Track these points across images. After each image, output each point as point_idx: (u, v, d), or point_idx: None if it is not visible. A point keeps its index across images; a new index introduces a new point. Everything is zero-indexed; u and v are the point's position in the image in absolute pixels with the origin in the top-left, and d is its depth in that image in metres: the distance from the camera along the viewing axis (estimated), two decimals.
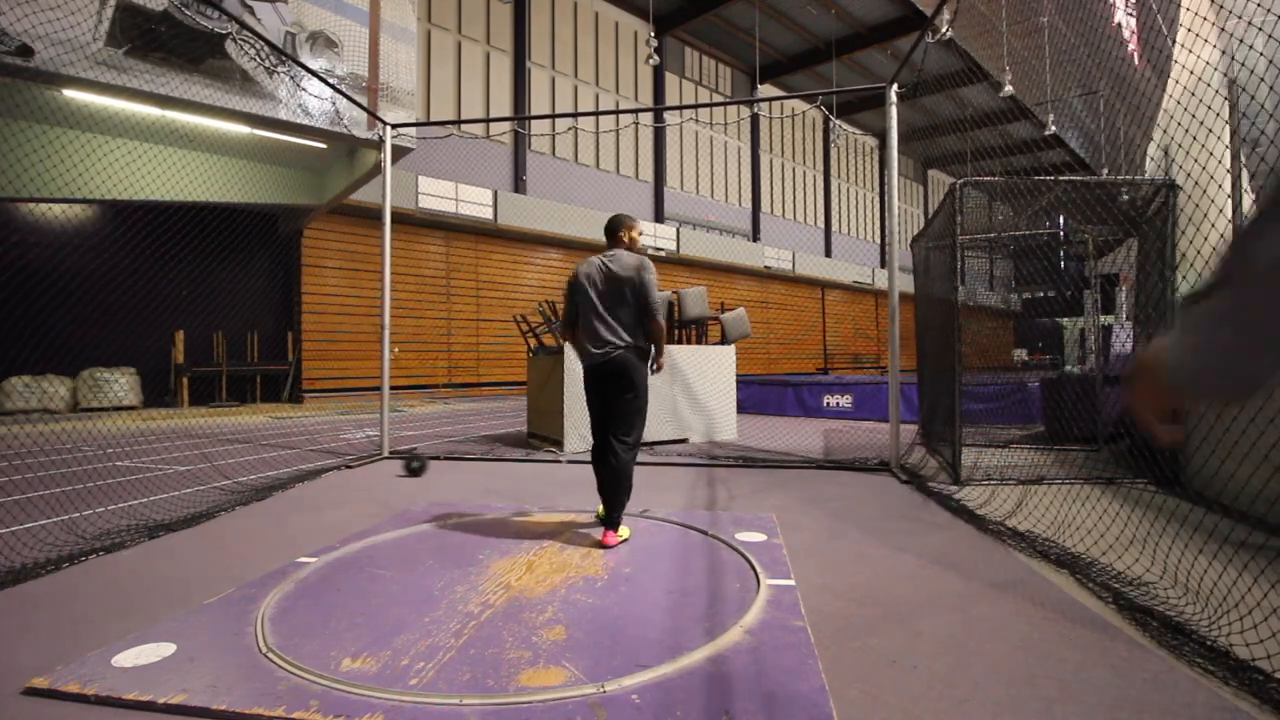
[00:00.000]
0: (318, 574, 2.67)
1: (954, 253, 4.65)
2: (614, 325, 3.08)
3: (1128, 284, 6.68)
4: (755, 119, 23.32)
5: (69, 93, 7.35)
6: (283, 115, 8.42)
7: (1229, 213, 4.18)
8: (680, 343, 7.29)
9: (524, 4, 16.92)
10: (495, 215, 15.11)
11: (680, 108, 20.11)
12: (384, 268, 6.07)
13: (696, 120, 21.03)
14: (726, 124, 22.64)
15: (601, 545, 3.02)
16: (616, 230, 3.27)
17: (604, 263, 3.17)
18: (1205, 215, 4.12)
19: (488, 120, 9.87)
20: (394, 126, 6.26)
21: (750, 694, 1.70)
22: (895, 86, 5.05)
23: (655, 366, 3.20)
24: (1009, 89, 13.09)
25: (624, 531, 3.13)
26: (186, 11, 7.46)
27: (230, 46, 7.85)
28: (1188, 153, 3.59)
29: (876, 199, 30.17)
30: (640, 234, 3.35)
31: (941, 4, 4.43)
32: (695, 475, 4.87)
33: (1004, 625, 2.14)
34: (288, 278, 13.26)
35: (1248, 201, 4.23)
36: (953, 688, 1.75)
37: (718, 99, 21.84)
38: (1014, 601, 2.35)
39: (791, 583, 2.53)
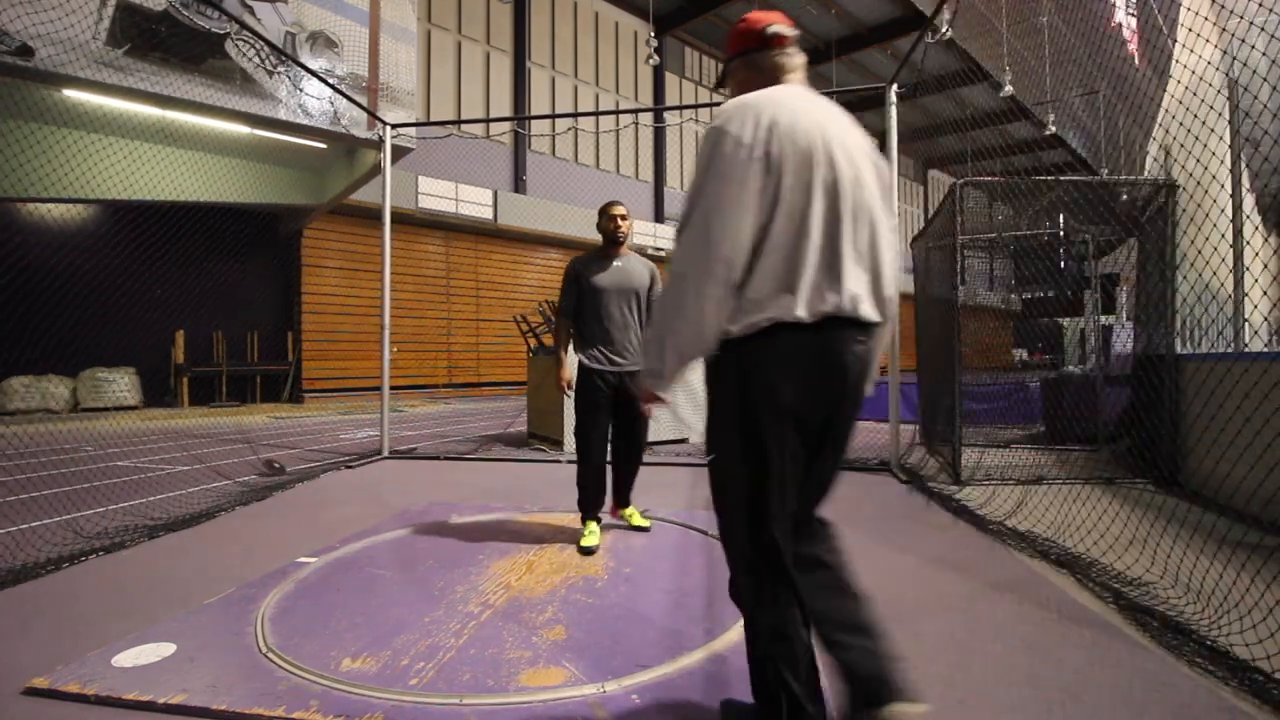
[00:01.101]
0: (318, 574, 2.67)
1: (954, 253, 4.65)
2: None
3: (1128, 284, 6.68)
4: None
5: (69, 93, 7.34)
6: (283, 115, 8.43)
7: (1229, 212, 4.18)
8: None
9: (524, 4, 16.91)
10: (495, 215, 15.11)
11: (680, 108, 20.07)
12: (384, 268, 6.07)
13: (696, 120, 20.99)
14: None
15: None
16: None
17: None
18: (1206, 215, 4.12)
19: (488, 120, 9.87)
20: (394, 126, 6.26)
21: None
22: (895, 86, 5.05)
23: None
24: (1009, 89, 13.09)
25: (585, 529, 3.11)
26: (186, 12, 7.46)
27: (230, 46, 7.85)
28: (1189, 152, 3.59)
29: None
30: (609, 218, 3.14)
31: (941, 4, 4.43)
32: (695, 475, 4.87)
33: (1004, 625, 2.14)
34: (288, 278, 13.25)
35: (1248, 201, 4.23)
36: (953, 688, 1.75)
37: (718, 99, 21.82)
38: (1014, 601, 2.35)
39: None
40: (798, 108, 1.30)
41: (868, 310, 1.32)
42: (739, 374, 1.31)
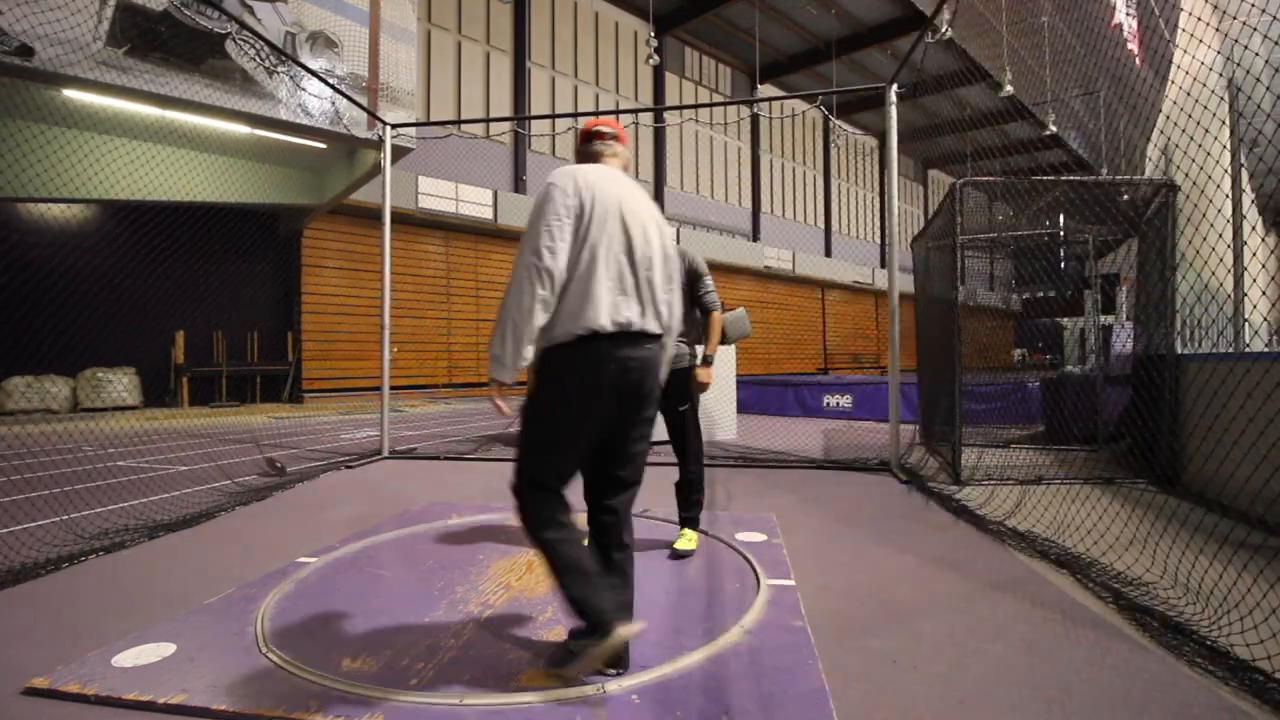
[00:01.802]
0: (318, 574, 2.67)
1: (954, 253, 4.65)
2: None
3: (1128, 284, 6.68)
4: (755, 119, 23.30)
5: (69, 93, 7.34)
6: (283, 115, 8.42)
7: (1228, 212, 4.19)
8: None
9: (524, 4, 16.91)
10: (495, 215, 15.10)
11: (680, 108, 20.07)
12: (384, 268, 6.07)
13: (696, 120, 21.01)
14: (726, 124, 22.64)
15: None
16: None
17: None
18: (1204, 215, 4.13)
19: (488, 120, 9.86)
20: (394, 126, 6.26)
21: (750, 694, 1.70)
22: (895, 86, 5.05)
23: None
24: (1009, 89, 13.09)
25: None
26: (186, 11, 7.46)
27: (230, 46, 7.85)
28: (1186, 153, 3.59)
29: (876, 199, 30.16)
30: None
31: (941, 4, 4.43)
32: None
33: (1004, 625, 2.14)
34: (288, 278, 13.25)
35: (1247, 201, 4.23)
36: (953, 688, 1.75)
37: (718, 99, 21.83)
38: (1014, 602, 2.35)
39: (792, 583, 2.53)
40: (604, 182, 1.85)
41: (651, 324, 1.87)
42: (560, 369, 1.78)
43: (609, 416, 1.80)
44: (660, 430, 3.18)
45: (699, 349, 3.10)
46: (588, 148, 2.08)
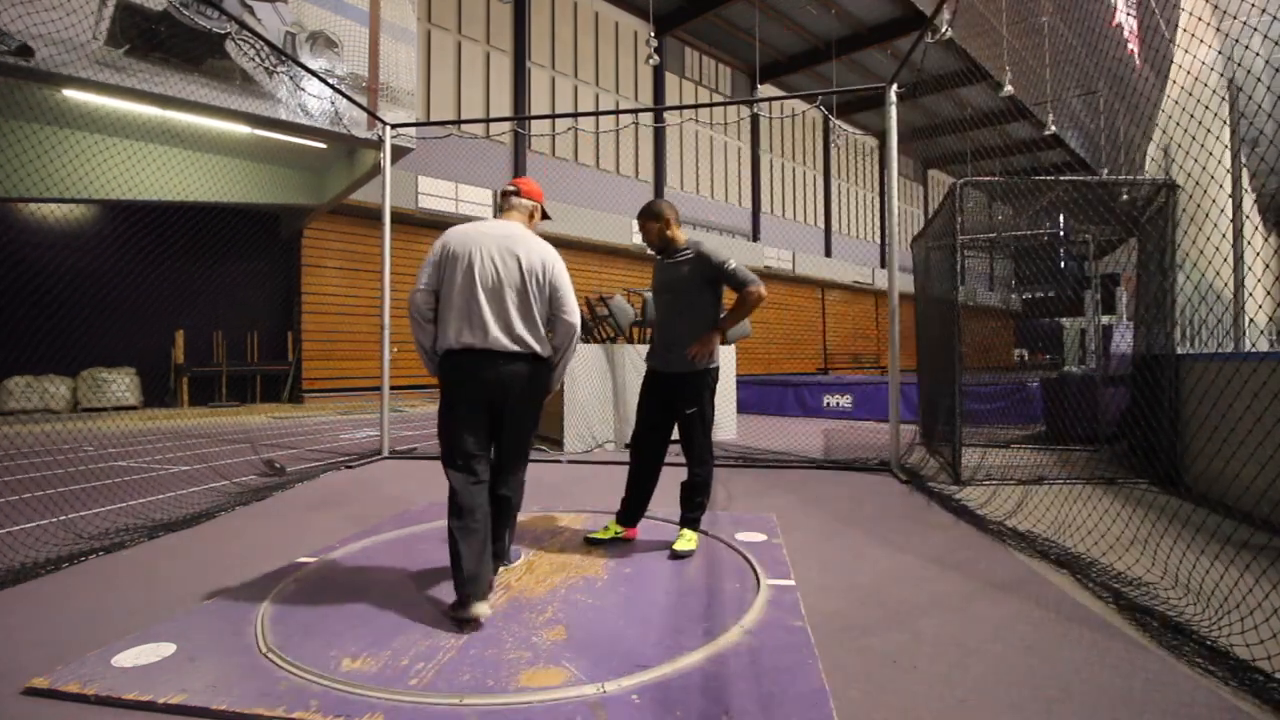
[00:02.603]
0: (318, 574, 2.67)
1: (954, 253, 4.65)
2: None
3: (1129, 284, 6.68)
4: (755, 119, 23.29)
5: (69, 93, 7.34)
6: (283, 115, 8.41)
7: (1229, 212, 4.18)
8: None
9: (524, 4, 16.90)
10: (495, 215, 15.08)
11: (680, 108, 20.05)
12: (384, 268, 6.07)
13: (696, 120, 21.00)
14: (726, 124, 22.62)
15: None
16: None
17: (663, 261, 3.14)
18: (1206, 215, 4.12)
19: (488, 120, 9.85)
20: (394, 126, 6.26)
21: (750, 694, 1.70)
22: (895, 86, 5.05)
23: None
24: (1009, 89, 13.08)
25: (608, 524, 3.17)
26: (186, 11, 7.46)
27: (230, 46, 7.85)
28: (1187, 153, 3.59)
29: (876, 199, 30.14)
30: (635, 227, 3.19)
31: (941, 4, 4.43)
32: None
33: (1004, 625, 2.14)
34: (288, 278, 13.24)
35: (1248, 201, 4.23)
36: (953, 688, 1.75)
37: (718, 99, 21.82)
38: (1014, 602, 2.35)
39: (792, 583, 2.53)
40: (470, 236, 2.43)
41: (503, 343, 2.36)
42: (439, 375, 2.46)
43: (485, 405, 2.37)
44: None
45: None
46: (500, 203, 2.71)
